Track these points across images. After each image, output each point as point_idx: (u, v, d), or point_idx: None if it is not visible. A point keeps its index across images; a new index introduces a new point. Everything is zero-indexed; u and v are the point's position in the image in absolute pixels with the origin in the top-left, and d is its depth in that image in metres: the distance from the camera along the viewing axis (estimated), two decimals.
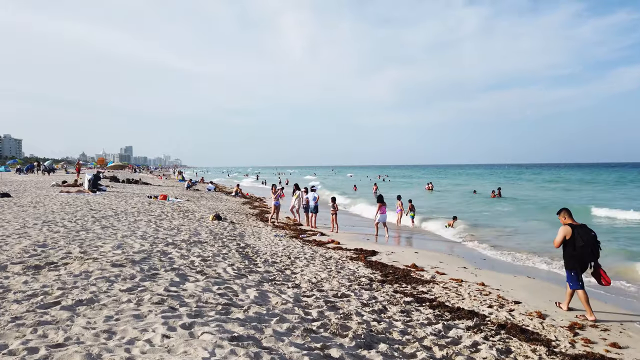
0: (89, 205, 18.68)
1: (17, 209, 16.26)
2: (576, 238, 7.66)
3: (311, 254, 12.06)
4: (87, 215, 15.13)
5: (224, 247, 11.25)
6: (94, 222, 13.46)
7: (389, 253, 13.09)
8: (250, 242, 13.21)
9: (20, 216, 14.24)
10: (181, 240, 11.51)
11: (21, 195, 22.13)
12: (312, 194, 19.22)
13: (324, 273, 9.51)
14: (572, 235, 7.70)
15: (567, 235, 7.74)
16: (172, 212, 18.87)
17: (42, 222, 12.76)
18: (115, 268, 7.33)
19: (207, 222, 16.47)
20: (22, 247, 8.81)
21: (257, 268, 9.20)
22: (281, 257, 11.09)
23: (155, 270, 7.60)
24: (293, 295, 7.10)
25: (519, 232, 18.90)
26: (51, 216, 14.31)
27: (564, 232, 7.78)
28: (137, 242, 10.52)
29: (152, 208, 19.48)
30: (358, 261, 11.52)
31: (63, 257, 8.12)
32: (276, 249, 12.36)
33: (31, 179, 41.99)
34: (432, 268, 11.19)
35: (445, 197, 39.00)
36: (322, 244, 14.31)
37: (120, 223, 13.84)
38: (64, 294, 5.72)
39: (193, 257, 9.28)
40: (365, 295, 7.81)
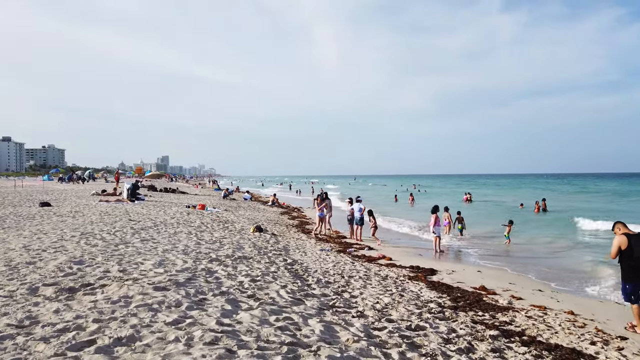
0: (128, 215, 18.01)
1: (56, 219, 15.68)
2: (633, 248, 7.35)
3: (365, 272, 10.89)
4: (126, 226, 14.38)
5: (272, 264, 10.20)
6: (133, 234, 12.65)
7: (450, 272, 11.79)
8: (297, 257, 12.14)
9: (58, 227, 13.58)
10: (225, 255, 10.53)
11: (61, 205, 21.75)
12: (358, 205, 18.04)
13: (386, 296, 8.33)
14: (628, 245, 7.39)
15: (623, 246, 7.44)
16: (212, 222, 18.01)
17: (80, 234, 12.01)
18: (158, 292, 6.34)
19: (249, 234, 15.50)
20: (57, 264, 7.96)
21: (311, 290, 8.09)
22: (334, 275, 9.96)
23: (203, 294, 6.58)
24: (362, 329, 5.95)
25: (582, 247, 17.22)
26: (89, 227, 13.60)
27: (619, 242, 7.50)
28: (180, 257, 9.57)
29: (191, 218, 18.69)
30: (418, 281, 10.28)
31: (100, 276, 7.20)
32: (326, 265, 11.25)
33: (72, 187, 42.27)
34: (504, 291, 9.85)
35: (487, 209, 37.05)
36: (373, 259, 13.11)
37: (160, 235, 12.99)
38: (100, 328, 4.73)
39: (241, 277, 8.25)
40: (442, 328, 6.58)
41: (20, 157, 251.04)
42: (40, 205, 20.62)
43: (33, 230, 12.70)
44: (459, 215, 20.32)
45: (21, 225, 13.85)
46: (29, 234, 11.96)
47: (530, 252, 16.23)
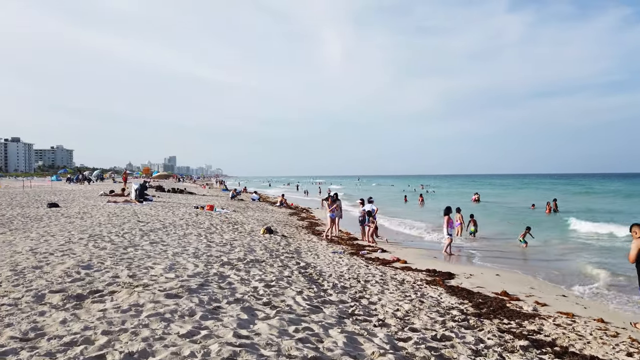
0: (137, 216, 17.72)
1: (64, 221, 15.41)
2: None
3: (381, 275, 10.52)
4: (135, 228, 14.07)
5: (285, 268, 9.84)
6: (142, 237, 12.34)
7: (468, 276, 11.39)
8: (309, 260, 11.79)
9: (66, 229, 13.29)
10: (237, 258, 10.18)
11: (69, 206, 21.51)
12: (370, 206, 17.67)
13: (406, 302, 7.95)
14: None
15: None
16: (221, 224, 17.69)
17: (88, 237, 11.71)
18: (170, 300, 5.99)
19: (259, 236, 15.16)
20: (64, 269, 7.64)
21: (328, 296, 7.72)
22: (349, 280, 9.60)
23: (217, 302, 6.23)
24: (386, 339, 5.57)
25: (597, 250, 16.75)
26: (98, 229, 13.30)
27: (639, 245, 7.53)
28: (190, 261, 9.23)
29: (200, 220, 18.38)
30: (436, 286, 9.89)
31: (110, 282, 6.87)
32: (340, 269, 10.88)
33: (80, 188, 42.15)
34: (527, 296, 9.44)
35: (496, 210, 36.49)
36: (387, 262, 12.73)
37: (170, 237, 12.68)
38: (110, 341, 4.39)
39: (255, 282, 7.89)
40: (469, 337, 6.19)
41: (29, 158, 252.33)
42: (48, 206, 20.39)
43: (40, 232, 12.42)
44: (472, 218, 19.88)
45: (29, 227, 13.58)
46: (37, 236, 11.68)
47: (546, 255, 15.79)
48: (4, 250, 9.61)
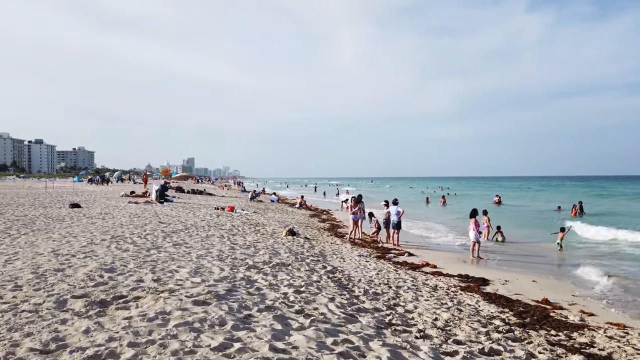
0: (158, 217, 17.48)
1: (85, 221, 15.21)
2: None
3: (412, 281, 10.02)
4: (157, 229, 13.79)
5: (312, 272, 9.40)
6: (164, 238, 12.03)
7: (503, 282, 10.81)
8: (336, 263, 11.34)
9: (88, 230, 13.06)
10: (262, 262, 9.78)
11: (91, 206, 21.40)
12: (395, 208, 17.13)
13: (444, 311, 7.45)
14: None
15: None
16: (243, 225, 17.34)
17: (111, 238, 11.43)
18: (198, 307, 5.60)
19: (282, 238, 14.76)
20: (86, 272, 7.31)
21: (361, 303, 7.26)
22: (380, 285, 9.12)
23: (247, 309, 5.82)
24: (432, 354, 5.10)
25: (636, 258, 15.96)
26: (120, 230, 13.04)
27: None
28: (216, 264, 8.86)
29: (221, 221, 18.06)
30: (472, 293, 9.35)
31: (134, 287, 6.51)
32: (368, 273, 10.41)
33: (101, 189, 42.35)
34: (570, 305, 8.86)
35: (520, 213, 35.56)
36: (416, 267, 12.21)
37: (192, 239, 12.35)
38: (137, 355, 4.00)
39: (284, 288, 7.47)
40: (518, 351, 5.68)
41: (52, 159, 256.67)
42: (70, 207, 20.29)
43: (62, 233, 12.20)
44: (499, 230, 19.15)
45: (51, 228, 13.39)
46: (59, 237, 11.44)
47: (579, 259, 15.06)
48: (26, 251, 9.36)
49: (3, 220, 15.03)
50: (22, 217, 16.13)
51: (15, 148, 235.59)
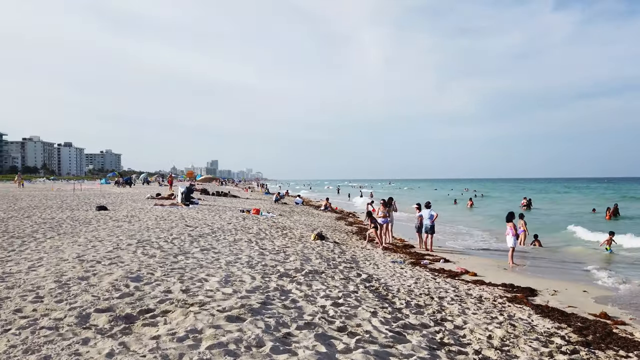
0: (184, 220, 17.10)
1: (112, 224, 14.90)
2: None
3: (454, 291, 9.31)
4: (184, 233, 13.36)
5: (348, 281, 8.78)
6: (191, 243, 11.57)
7: (552, 292, 9.99)
8: (370, 271, 10.69)
9: (114, 233, 12.70)
10: (294, 269, 9.20)
11: (117, 209, 21.20)
12: (428, 211, 16.38)
13: (496, 326, 6.73)
14: None
15: None
16: (269, 229, 16.83)
17: (137, 242, 11.02)
18: (232, 325, 5.03)
19: (310, 243, 14.18)
20: (111, 281, 6.84)
21: (406, 318, 6.60)
22: (421, 295, 8.45)
23: (285, 326, 5.23)
24: None
25: None
26: (146, 234, 12.65)
27: None
28: (246, 272, 8.31)
29: (248, 224, 17.58)
30: (521, 305, 8.58)
31: (161, 298, 5.99)
32: (406, 282, 9.73)
33: (128, 191, 42.50)
34: (632, 319, 8.03)
35: (552, 216, 34.23)
36: (455, 275, 11.46)
37: (220, 244, 11.86)
38: None
39: (321, 299, 6.87)
40: None
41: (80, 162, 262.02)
42: (96, 209, 20.12)
43: (88, 237, 11.85)
44: (536, 239, 18.21)
45: (77, 231, 13.08)
46: (84, 242, 11.08)
47: (627, 268, 14.06)
48: (50, 257, 8.98)
49: (30, 223, 14.82)
50: (49, 219, 15.93)
51: (46, 151, 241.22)
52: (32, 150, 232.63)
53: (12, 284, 6.60)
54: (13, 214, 17.28)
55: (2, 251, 9.60)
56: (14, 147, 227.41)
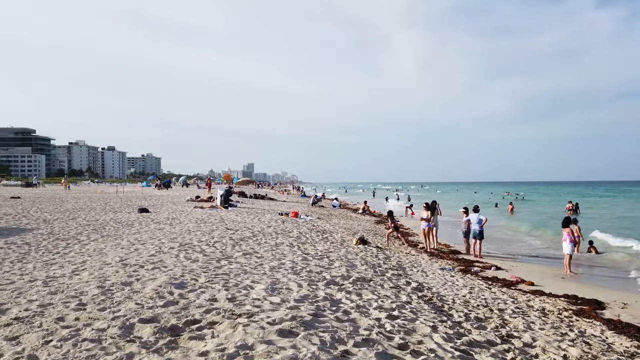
0: (224, 223, 16.90)
1: (153, 227, 14.81)
2: None
3: (513, 302, 8.62)
4: (225, 236, 13.09)
5: (399, 290, 8.23)
6: (233, 246, 11.25)
7: (622, 305, 9.13)
8: (419, 278, 10.10)
9: (156, 236, 12.55)
10: (340, 276, 8.71)
11: (158, 211, 21.27)
12: (476, 216, 15.59)
13: (568, 344, 6.06)
14: None
15: None
16: (310, 232, 16.41)
17: (179, 246, 10.78)
18: (284, 340, 4.58)
19: (353, 247, 13.67)
20: (155, 287, 6.53)
21: (468, 333, 6.00)
22: (479, 307, 7.81)
23: (342, 343, 4.75)
24: None
25: None
26: (187, 237, 12.44)
27: None
28: (292, 279, 7.88)
29: (287, 227, 17.22)
30: (590, 319, 7.82)
31: (207, 308, 5.62)
32: (459, 291, 9.10)
33: (168, 193, 43.07)
34: None
35: (603, 221, 32.46)
36: (510, 284, 10.72)
37: (262, 248, 11.50)
38: None
39: (374, 311, 6.35)
40: None
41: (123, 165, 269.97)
42: (138, 211, 20.22)
43: (131, 240, 11.72)
44: (592, 246, 17.11)
45: (120, 234, 13.01)
46: (127, 244, 10.93)
47: None
48: (94, 260, 8.81)
49: (75, 225, 14.90)
50: (93, 221, 16.01)
51: (90, 154, 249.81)
52: (77, 154, 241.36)
53: (56, 289, 6.39)
54: (59, 216, 17.50)
55: (48, 254, 9.53)
56: (61, 151, 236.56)
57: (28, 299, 5.85)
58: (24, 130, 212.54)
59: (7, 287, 6.55)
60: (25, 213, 18.21)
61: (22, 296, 6.03)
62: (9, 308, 5.43)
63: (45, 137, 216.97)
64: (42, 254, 9.50)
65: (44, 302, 5.69)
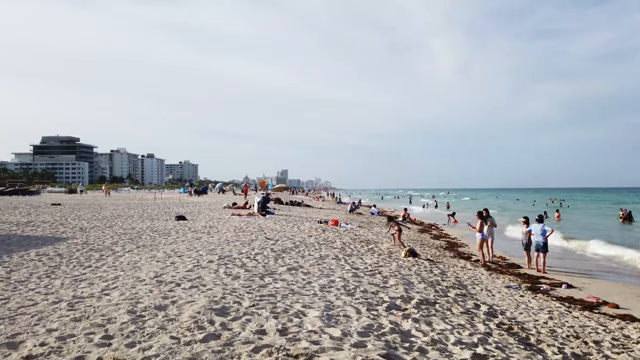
0: (263, 232, 15.98)
1: (191, 236, 14.02)
2: None
3: (605, 331, 7.26)
4: (265, 247, 12.13)
5: (472, 317, 7.01)
6: (276, 260, 10.25)
7: None
8: (487, 299, 8.82)
9: (193, 247, 11.70)
10: (400, 297, 7.54)
11: (195, 219, 20.60)
12: (540, 227, 14.08)
13: None
14: None
15: None
16: (353, 242, 15.28)
17: (218, 259, 9.85)
18: None
19: (402, 260, 12.47)
20: (193, 314, 5.55)
21: None
22: (569, 339, 6.52)
23: None
24: None
25: None
26: (227, 248, 11.54)
27: None
28: (347, 301, 6.78)
29: (329, 237, 16.16)
30: None
31: (256, 345, 4.58)
32: (538, 317, 7.79)
33: (205, 200, 42.76)
34: None
35: None
36: (590, 306, 9.29)
37: (306, 261, 10.47)
38: None
39: (456, 348, 5.17)
40: None
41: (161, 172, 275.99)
42: (176, 219, 19.59)
43: (167, 251, 10.90)
44: None
45: (156, 244, 12.25)
46: (163, 257, 10.10)
47: None
48: (127, 276, 7.96)
49: (111, 233, 14.28)
50: (130, 230, 15.38)
51: (131, 162, 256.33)
52: (118, 161, 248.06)
53: (81, 315, 5.50)
54: (96, 224, 16.99)
55: (79, 267, 8.76)
56: (103, 158, 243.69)
57: (47, 328, 4.98)
58: (69, 139, 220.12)
59: (28, 310, 5.72)
60: (63, 221, 17.80)
61: (42, 323, 5.17)
62: (22, 341, 4.56)
63: (88, 145, 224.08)
64: (72, 267, 8.75)
65: (65, 333, 4.79)
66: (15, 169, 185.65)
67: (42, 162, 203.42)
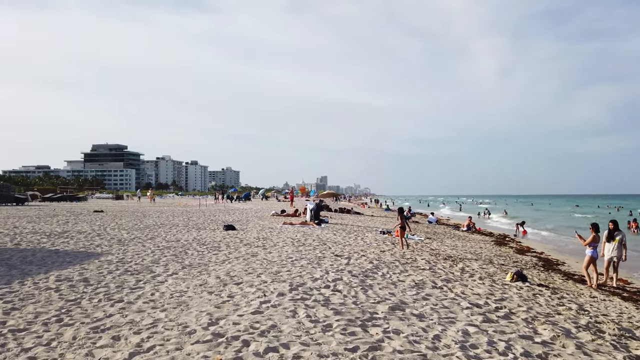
0: (326, 245, 13.38)
1: (244, 251, 11.58)
2: None
3: None
4: (340, 269, 9.49)
5: None
6: (364, 290, 7.57)
7: None
8: None
9: (252, 267, 9.21)
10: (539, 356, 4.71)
11: (245, 228, 18.25)
12: None
13: None
14: None
15: None
16: (439, 261, 12.39)
17: (290, 289, 7.26)
18: None
19: (510, 286, 9.55)
20: None
21: None
22: None
23: None
24: None
25: None
26: (294, 270, 8.97)
27: None
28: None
29: (406, 253, 13.36)
30: None
31: None
32: None
33: (250, 207, 40.73)
34: None
35: None
36: None
37: (401, 291, 7.75)
38: None
39: None
40: None
41: (204, 178, 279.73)
42: (224, 229, 17.29)
43: (221, 275, 8.43)
44: None
45: (205, 262, 9.83)
46: (216, 284, 7.61)
47: None
48: (169, 322, 5.46)
49: (152, 247, 12.02)
50: (174, 242, 13.11)
51: (175, 168, 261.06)
52: (164, 168, 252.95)
53: None
54: (136, 235, 14.84)
55: (105, 303, 6.34)
56: (149, 165, 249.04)
57: None
58: (117, 147, 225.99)
59: None
60: (101, 231, 15.77)
61: None
62: None
63: (135, 153, 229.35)
64: (96, 303, 6.34)
65: None
66: (67, 175, 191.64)
67: (92, 169, 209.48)
